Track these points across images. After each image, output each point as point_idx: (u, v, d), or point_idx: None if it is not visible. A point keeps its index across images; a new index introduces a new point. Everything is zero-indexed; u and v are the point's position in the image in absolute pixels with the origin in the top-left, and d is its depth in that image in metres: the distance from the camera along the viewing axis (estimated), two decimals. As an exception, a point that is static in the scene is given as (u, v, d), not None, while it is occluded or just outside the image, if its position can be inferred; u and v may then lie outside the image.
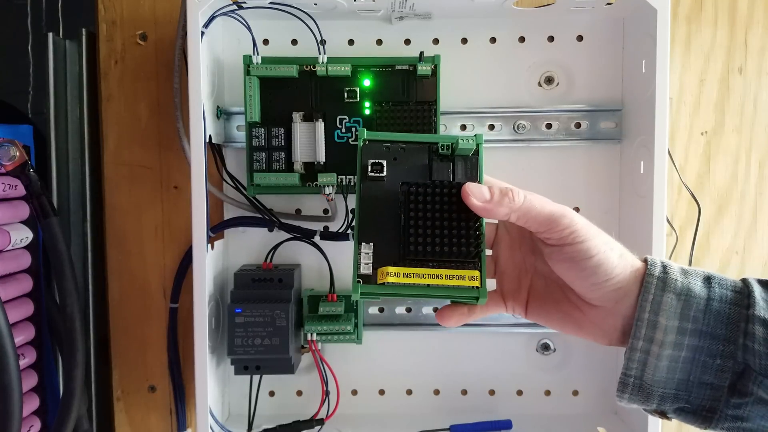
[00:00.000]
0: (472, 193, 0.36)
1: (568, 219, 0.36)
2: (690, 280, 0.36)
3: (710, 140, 0.57)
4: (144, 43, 0.55)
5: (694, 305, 0.35)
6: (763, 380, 0.34)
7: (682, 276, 0.36)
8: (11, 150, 0.44)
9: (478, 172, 0.39)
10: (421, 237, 0.37)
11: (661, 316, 0.35)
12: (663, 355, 0.35)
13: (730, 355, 0.35)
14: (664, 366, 0.35)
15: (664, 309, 0.35)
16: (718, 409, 0.35)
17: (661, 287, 0.35)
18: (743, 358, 0.34)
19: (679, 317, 0.35)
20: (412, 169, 0.39)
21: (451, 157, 0.40)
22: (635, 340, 0.36)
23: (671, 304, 0.35)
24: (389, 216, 0.38)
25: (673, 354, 0.35)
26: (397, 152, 0.39)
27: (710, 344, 0.35)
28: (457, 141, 0.38)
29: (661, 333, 0.35)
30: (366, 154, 0.39)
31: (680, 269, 0.36)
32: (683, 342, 0.35)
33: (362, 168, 0.38)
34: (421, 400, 0.57)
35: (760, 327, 0.34)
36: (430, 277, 0.37)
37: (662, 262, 0.37)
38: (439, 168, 0.40)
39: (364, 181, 0.38)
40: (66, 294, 0.46)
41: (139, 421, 0.57)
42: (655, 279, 0.36)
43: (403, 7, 0.49)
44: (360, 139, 0.39)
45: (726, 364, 0.35)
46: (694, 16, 0.56)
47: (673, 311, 0.35)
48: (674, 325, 0.35)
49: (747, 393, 0.34)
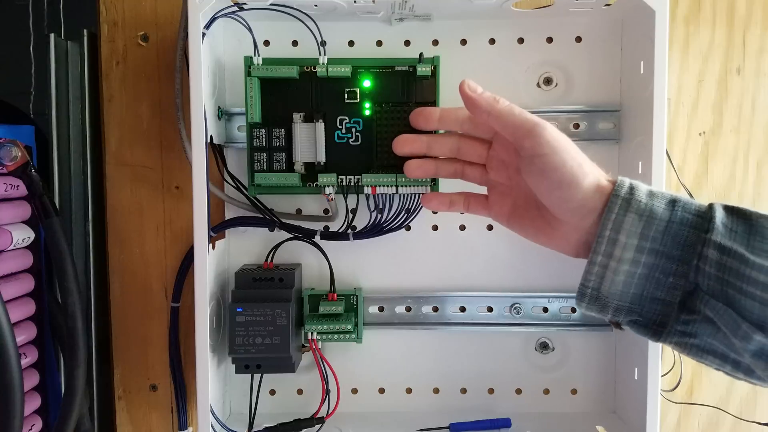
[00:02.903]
0: (467, 83, 0.42)
1: (540, 128, 0.39)
2: (654, 202, 0.37)
3: (708, 141, 0.57)
4: (145, 44, 0.55)
5: (654, 226, 0.37)
6: (710, 300, 0.35)
7: (647, 197, 0.37)
8: (13, 150, 0.44)
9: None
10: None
11: (621, 234, 0.37)
12: (620, 270, 0.37)
13: (683, 274, 0.37)
14: (621, 280, 0.37)
15: (624, 228, 0.37)
16: (668, 324, 0.38)
17: (625, 207, 0.37)
18: (694, 278, 0.36)
19: (638, 236, 0.37)
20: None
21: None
22: (595, 255, 0.38)
23: (632, 224, 0.37)
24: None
25: (630, 270, 0.37)
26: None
27: (665, 263, 0.37)
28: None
29: (619, 249, 0.37)
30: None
31: (647, 191, 0.38)
32: (640, 259, 0.37)
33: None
34: (421, 398, 0.57)
35: (713, 251, 0.35)
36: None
37: (631, 183, 0.38)
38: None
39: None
40: (67, 293, 0.47)
41: (140, 420, 0.58)
42: (620, 199, 0.38)
43: (403, 8, 0.50)
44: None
45: (678, 282, 0.37)
46: (692, 17, 0.56)
47: (634, 230, 0.37)
48: (633, 243, 0.37)
49: (695, 311, 0.37)
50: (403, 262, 0.56)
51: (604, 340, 0.56)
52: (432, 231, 0.56)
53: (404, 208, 0.51)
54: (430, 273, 0.56)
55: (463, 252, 0.55)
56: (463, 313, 0.56)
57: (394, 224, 0.52)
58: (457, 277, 0.56)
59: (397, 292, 0.56)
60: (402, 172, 0.48)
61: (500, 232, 0.55)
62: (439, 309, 0.56)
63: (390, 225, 0.52)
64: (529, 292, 0.55)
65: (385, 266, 0.56)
